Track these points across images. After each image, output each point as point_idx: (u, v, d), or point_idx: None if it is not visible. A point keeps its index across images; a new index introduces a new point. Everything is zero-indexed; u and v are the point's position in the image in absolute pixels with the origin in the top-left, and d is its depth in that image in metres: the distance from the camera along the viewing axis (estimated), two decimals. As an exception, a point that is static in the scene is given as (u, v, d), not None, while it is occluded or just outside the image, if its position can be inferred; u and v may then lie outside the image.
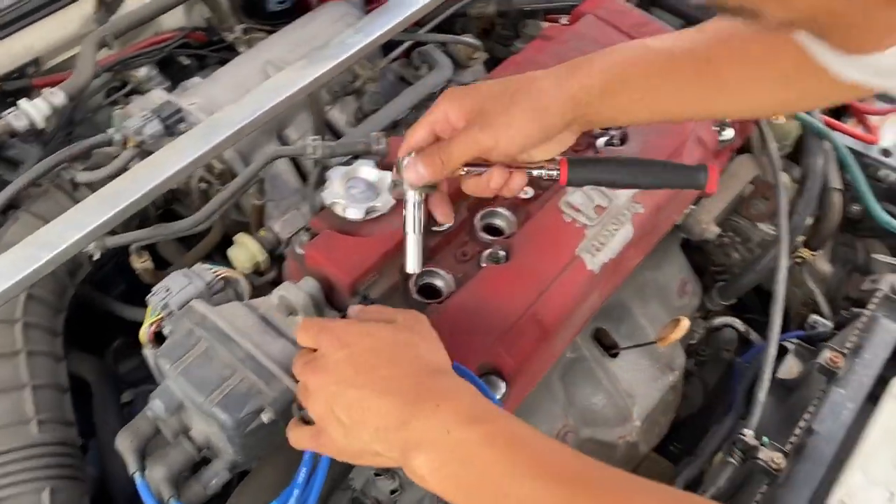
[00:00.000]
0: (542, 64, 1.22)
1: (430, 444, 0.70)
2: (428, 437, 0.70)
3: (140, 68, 1.40)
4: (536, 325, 1.01)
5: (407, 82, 1.45)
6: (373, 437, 0.73)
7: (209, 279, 0.99)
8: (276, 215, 1.24)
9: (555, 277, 1.03)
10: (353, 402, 0.74)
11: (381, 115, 1.31)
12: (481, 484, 0.68)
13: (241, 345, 0.89)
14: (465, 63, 1.43)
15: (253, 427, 0.86)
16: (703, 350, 1.49)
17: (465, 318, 0.99)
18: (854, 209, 1.46)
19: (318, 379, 0.77)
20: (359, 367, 0.76)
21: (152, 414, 0.90)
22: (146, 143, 1.14)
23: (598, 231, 1.07)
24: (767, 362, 1.14)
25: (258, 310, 0.95)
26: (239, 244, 1.14)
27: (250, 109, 1.13)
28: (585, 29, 1.29)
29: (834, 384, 1.09)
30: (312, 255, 1.00)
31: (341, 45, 1.22)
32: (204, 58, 1.52)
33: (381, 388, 0.74)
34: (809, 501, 0.97)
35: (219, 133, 1.09)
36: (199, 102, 1.25)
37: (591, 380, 1.19)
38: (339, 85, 1.37)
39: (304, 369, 0.80)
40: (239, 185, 1.10)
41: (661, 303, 1.30)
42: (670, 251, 1.33)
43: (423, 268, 1.07)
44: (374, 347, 0.77)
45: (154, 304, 0.96)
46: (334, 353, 0.77)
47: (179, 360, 0.88)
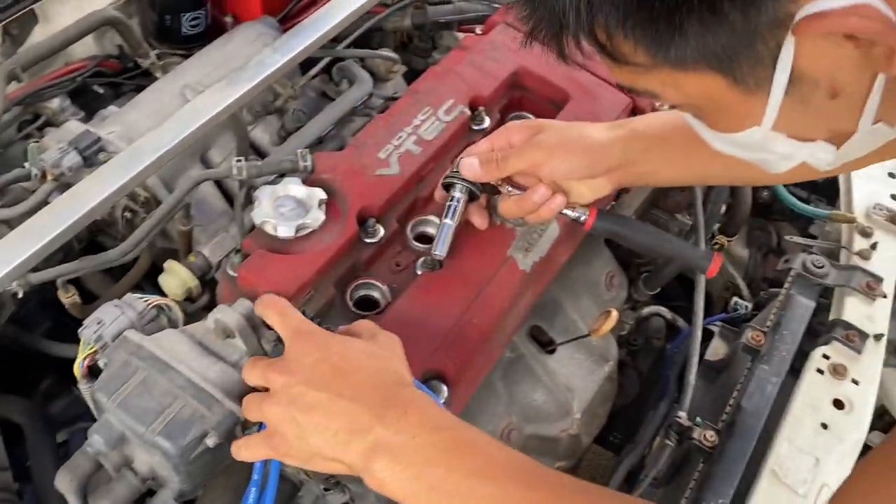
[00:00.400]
0: (461, 73, 1.26)
1: (395, 448, 0.73)
2: (393, 441, 0.74)
3: (53, 100, 1.37)
4: (474, 328, 1.03)
5: (329, 98, 1.46)
6: (331, 441, 0.75)
7: (141, 308, 0.98)
8: (204, 240, 1.23)
9: (489, 280, 1.06)
10: (318, 403, 0.76)
11: (305, 133, 1.31)
12: (443, 486, 0.72)
13: (179, 371, 0.88)
14: (385, 77, 1.45)
15: (197, 453, 0.86)
16: (634, 340, 1.54)
17: (405, 326, 1.00)
18: (764, 195, 1.54)
19: (285, 378, 0.79)
20: (330, 371, 0.78)
21: (92, 450, 0.88)
22: (65, 175, 1.12)
23: (527, 231, 1.11)
24: (694, 346, 1.19)
25: (194, 335, 0.95)
26: (169, 271, 1.13)
27: (171, 135, 1.12)
28: (500, 37, 1.32)
29: (758, 361, 1.15)
30: (245, 276, 0.99)
31: (259, 65, 1.22)
32: (119, 85, 1.49)
33: (349, 393, 0.76)
34: (743, 474, 1.02)
35: (140, 160, 1.07)
36: (118, 131, 1.23)
37: (531, 377, 1.22)
38: (261, 104, 1.37)
39: (267, 370, 0.81)
40: (164, 211, 1.09)
41: (591, 297, 1.34)
42: (596, 247, 1.37)
43: (359, 280, 1.09)
44: (346, 355, 0.80)
45: (87, 337, 0.94)
46: (306, 356, 0.79)
47: (117, 392, 0.87)
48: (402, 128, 1.17)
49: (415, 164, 1.14)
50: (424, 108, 1.20)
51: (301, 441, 0.77)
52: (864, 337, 1.15)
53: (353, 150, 1.15)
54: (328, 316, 1.03)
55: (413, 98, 1.22)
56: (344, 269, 1.06)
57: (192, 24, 1.45)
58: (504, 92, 1.27)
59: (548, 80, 1.26)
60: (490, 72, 1.26)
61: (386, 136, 1.17)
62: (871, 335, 1.16)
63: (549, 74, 1.27)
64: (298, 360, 0.80)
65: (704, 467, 1.07)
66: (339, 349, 0.81)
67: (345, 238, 1.05)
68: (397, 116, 1.19)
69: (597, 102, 1.25)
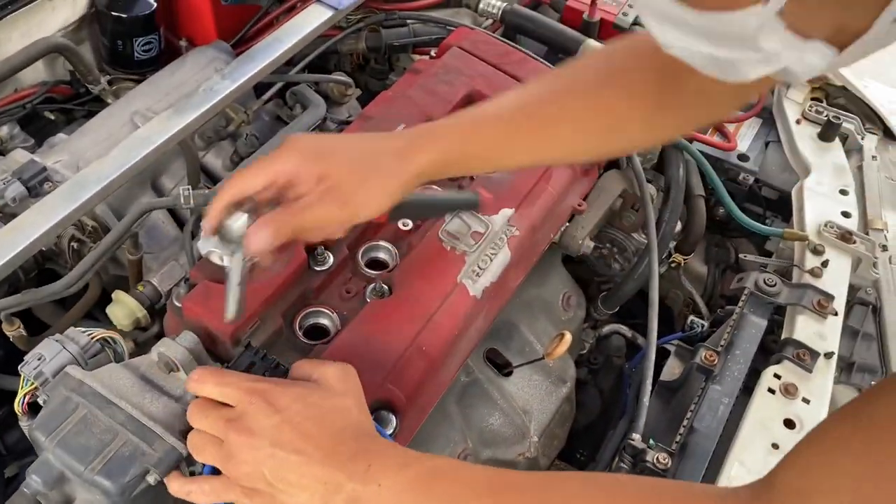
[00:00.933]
0: (413, 98, 1.26)
1: (367, 499, 0.75)
2: (364, 493, 0.75)
3: (1, 127, 1.35)
4: (423, 355, 1.02)
5: (283, 122, 1.45)
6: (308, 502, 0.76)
7: (84, 343, 0.96)
8: (155, 267, 1.22)
9: (438, 306, 1.05)
10: (291, 467, 0.76)
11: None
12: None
13: (121, 407, 0.87)
14: (339, 100, 1.45)
15: (139, 491, 0.84)
16: (594, 359, 1.54)
17: (353, 355, 0.99)
18: (720, 212, 1.55)
19: (249, 441, 0.77)
20: (295, 434, 0.77)
21: (30, 490, 0.86)
22: (9, 206, 1.10)
23: (477, 257, 1.10)
24: (648, 366, 1.19)
25: (138, 369, 0.94)
26: (117, 302, 1.11)
27: (119, 163, 1.11)
28: (452, 61, 1.32)
29: (711, 381, 1.15)
30: (191, 308, 0.98)
31: (209, 91, 1.22)
32: (70, 111, 1.48)
33: (320, 455, 0.76)
34: (694, 496, 1.02)
35: (86, 190, 1.06)
36: (65, 160, 1.22)
37: (487, 401, 1.22)
38: (213, 130, 1.36)
39: (228, 428, 0.79)
40: (111, 242, 1.08)
41: (548, 318, 1.34)
42: (552, 267, 1.37)
43: (309, 308, 1.08)
44: (309, 414, 0.79)
45: (27, 374, 0.92)
46: (266, 417, 0.78)
47: (56, 430, 0.85)
48: (353, 153, 1.17)
49: (365, 190, 1.13)
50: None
51: None
52: (815, 355, 1.16)
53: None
54: (275, 346, 1.02)
55: (365, 123, 1.22)
56: (293, 297, 1.05)
57: (144, 48, 1.44)
58: (456, 116, 1.27)
59: (499, 104, 1.26)
60: (443, 95, 1.26)
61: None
62: (822, 353, 1.17)
63: (500, 98, 1.27)
64: (259, 421, 0.78)
65: (658, 490, 1.06)
66: (298, 408, 0.79)
67: (293, 267, 1.04)
68: (349, 141, 1.19)
69: (549, 125, 1.26)
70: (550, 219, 1.21)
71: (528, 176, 1.19)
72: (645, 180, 1.34)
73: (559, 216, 1.24)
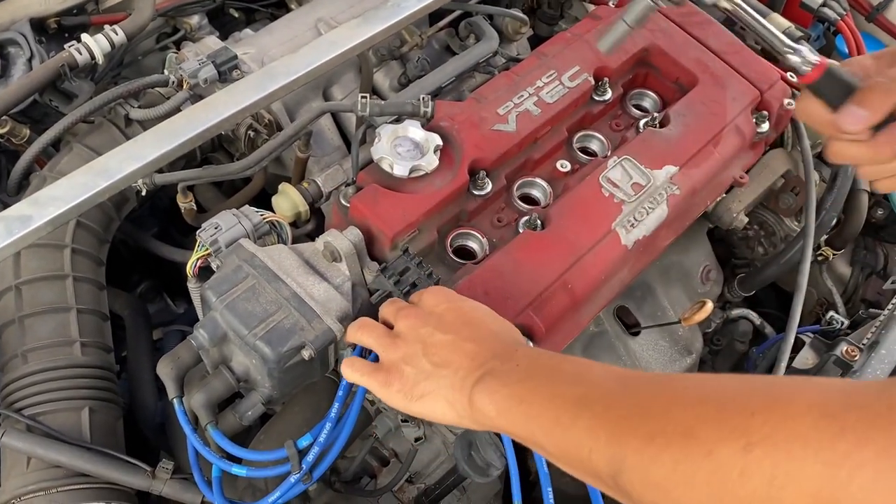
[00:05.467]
0: (591, 42, 1.25)
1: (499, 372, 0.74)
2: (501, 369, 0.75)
3: (192, 16, 1.43)
4: (568, 292, 1.03)
5: (451, 52, 1.47)
6: (450, 381, 0.77)
7: (256, 221, 1.02)
8: (316, 171, 1.27)
9: (589, 248, 1.06)
10: (448, 343, 0.78)
11: (426, 82, 1.33)
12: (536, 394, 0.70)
13: (286, 283, 0.92)
14: (512, 37, 1.45)
15: (292, 363, 0.90)
16: (718, 340, 1.52)
17: (500, 279, 1.01)
18: (878, 213, 1.49)
19: (416, 321, 0.82)
20: (459, 319, 0.81)
21: (196, 343, 0.93)
22: (199, 86, 1.17)
23: (634, 208, 1.10)
24: (785, 350, 1.17)
25: (303, 254, 0.99)
26: (282, 193, 1.17)
27: (304, 62, 1.15)
28: (634, 12, 1.30)
29: (849, 375, 1.12)
30: (357, 207, 1.03)
31: (395, 7, 1.24)
32: (253, 12, 1.54)
33: (479, 336, 0.79)
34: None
35: (274, 82, 1.11)
36: (252, 53, 1.28)
37: (612, 354, 1.22)
38: (387, 49, 1.40)
39: (400, 313, 0.84)
40: (288, 135, 1.13)
41: (683, 287, 1.33)
42: (697, 237, 1.35)
43: (462, 229, 1.11)
44: (475, 307, 0.85)
45: (203, 239, 0.99)
46: (438, 304, 0.83)
47: (226, 294, 0.91)
48: (524, 87, 1.18)
49: (532, 125, 1.15)
50: (549, 71, 1.20)
51: (417, 379, 0.79)
52: (965, 370, 1.11)
53: (473, 102, 1.17)
54: (427, 259, 1.06)
55: (540, 60, 1.23)
56: (449, 215, 1.08)
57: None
58: (631, 67, 1.27)
59: (678, 62, 1.24)
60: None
61: (507, 93, 1.18)
62: (973, 369, 1.11)
63: (680, 56, 1.25)
64: (430, 308, 0.84)
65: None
66: (468, 304, 0.85)
67: (455, 186, 1.07)
68: (521, 76, 1.20)
69: (724, 91, 1.23)
70: (711, 185, 1.19)
71: (697, 136, 1.17)
72: (812, 164, 1.29)
73: (720, 184, 1.22)
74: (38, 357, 1.01)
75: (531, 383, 0.71)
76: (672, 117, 1.19)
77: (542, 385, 0.70)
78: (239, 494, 1.00)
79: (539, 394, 0.70)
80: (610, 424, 0.63)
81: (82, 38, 1.18)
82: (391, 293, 0.98)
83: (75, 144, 1.16)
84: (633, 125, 1.22)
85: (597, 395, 0.67)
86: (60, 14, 1.30)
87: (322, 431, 0.89)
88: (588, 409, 0.65)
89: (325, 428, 0.89)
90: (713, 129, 1.18)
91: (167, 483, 0.97)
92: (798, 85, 1.25)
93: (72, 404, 0.99)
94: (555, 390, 0.69)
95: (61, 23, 1.30)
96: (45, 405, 0.98)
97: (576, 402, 0.67)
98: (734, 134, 1.20)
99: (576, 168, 1.18)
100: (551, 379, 0.71)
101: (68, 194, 0.96)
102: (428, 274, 0.98)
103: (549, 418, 0.68)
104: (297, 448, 0.90)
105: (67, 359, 1.01)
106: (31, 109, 1.23)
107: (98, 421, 1.00)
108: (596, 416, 0.64)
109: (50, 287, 1.05)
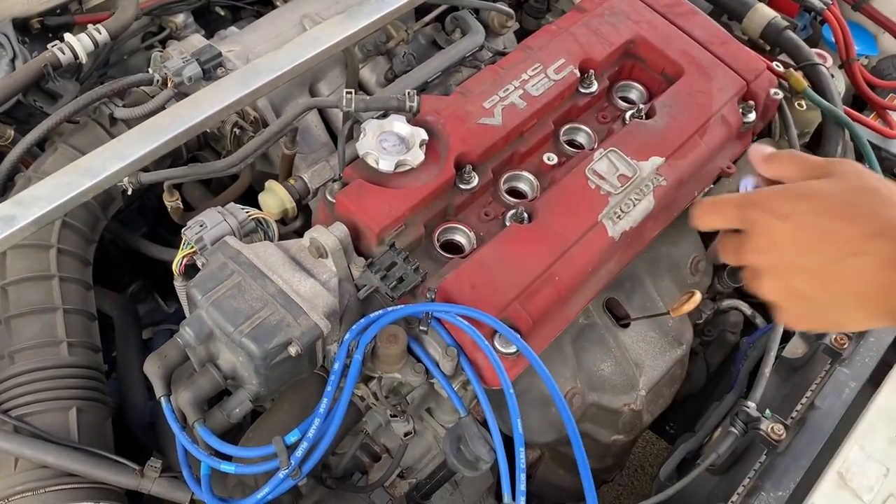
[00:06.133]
0: (576, 34, 1.25)
1: None
2: None
3: (178, 15, 1.42)
4: (554, 285, 1.03)
5: (438, 47, 1.47)
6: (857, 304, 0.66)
7: (242, 218, 1.02)
8: (303, 167, 1.27)
9: (576, 241, 1.06)
10: (814, 274, 0.66)
11: (412, 76, 1.33)
12: None
13: (272, 280, 0.92)
14: (498, 31, 1.45)
15: (279, 360, 0.89)
16: (708, 331, 1.52)
17: (487, 272, 1.01)
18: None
19: (764, 259, 0.69)
20: (807, 237, 0.66)
21: (182, 341, 0.92)
22: (184, 84, 1.16)
23: (621, 199, 1.10)
24: (774, 339, 1.17)
25: (289, 251, 0.98)
26: (269, 190, 1.16)
27: (289, 58, 1.15)
28: (619, 4, 1.30)
29: (838, 363, 1.12)
30: (343, 203, 1.03)
31: (380, 2, 1.24)
32: (239, 9, 1.54)
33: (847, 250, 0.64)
34: (807, 470, 1.01)
35: (258, 78, 1.11)
36: (236, 50, 1.27)
37: (601, 346, 1.22)
38: (373, 44, 1.40)
39: (742, 254, 0.71)
40: (275, 131, 1.13)
41: (673, 278, 1.33)
42: (686, 228, 1.35)
43: (449, 223, 1.11)
44: (818, 209, 0.66)
45: (188, 237, 0.98)
46: (773, 228, 0.68)
47: (212, 291, 0.91)
48: (510, 80, 1.18)
49: (518, 118, 1.15)
50: (535, 64, 1.20)
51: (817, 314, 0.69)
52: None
53: (459, 96, 1.17)
54: (414, 253, 1.06)
55: (525, 53, 1.22)
56: (436, 210, 1.08)
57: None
58: (617, 58, 1.26)
59: (664, 53, 1.24)
60: (606, 36, 1.25)
61: (493, 86, 1.18)
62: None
63: (665, 47, 1.25)
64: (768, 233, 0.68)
65: (767, 460, 1.05)
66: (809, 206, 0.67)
67: (441, 180, 1.07)
68: (507, 69, 1.20)
69: (710, 81, 1.23)
70: (698, 175, 1.19)
71: (683, 127, 1.17)
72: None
73: (707, 175, 1.22)
74: (24, 358, 1.01)
75: None
76: (658, 108, 1.19)
77: None
78: (229, 492, 1.00)
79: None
80: None
81: (65, 38, 1.17)
82: (378, 288, 0.98)
83: (60, 144, 1.15)
84: (620, 117, 1.22)
85: None
86: (43, 14, 1.29)
87: (310, 427, 0.89)
88: None
89: (314, 423, 0.89)
90: (699, 120, 1.18)
91: (156, 481, 0.97)
92: None
93: (59, 404, 0.99)
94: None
95: (45, 23, 1.30)
96: (33, 406, 0.98)
97: None
98: (720, 124, 1.21)
99: (562, 161, 1.18)
100: None
101: (52, 194, 0.96)
102: (415, 268, 0.99)
103: None
104: (285, 444, 0.90)
105: (54, 359, 1.01)
106: (15, 110, 1.23)
107: (86, 421, 1.00)
108: None
109: (36, 287, 1.04)
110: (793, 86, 1.36)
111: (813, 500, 0.96)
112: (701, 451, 1.28)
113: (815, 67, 1.40)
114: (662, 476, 1.28)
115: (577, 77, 1.20)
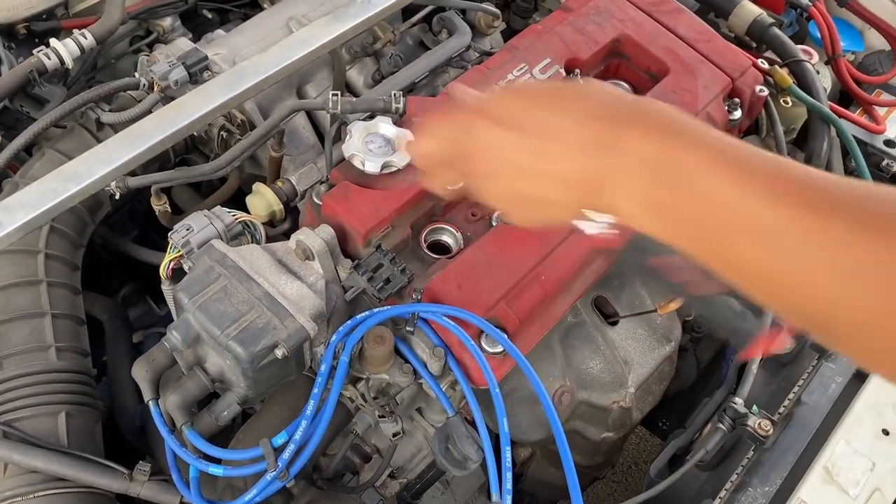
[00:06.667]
0: (561, 34, 1.26)
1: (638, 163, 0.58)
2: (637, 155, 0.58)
3: (165, 18, 1.42)
4: (540, 284, 1.04)
5: (425, 48, 1.47)
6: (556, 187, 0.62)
7: (228, 221, 1.02)
8: (291, 169, 1.27)
9: (562, 240, 1.06)
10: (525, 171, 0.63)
11: (399, 77, 1.33)
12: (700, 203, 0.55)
13: (258, 283, 0.92)
14: (485, 31, 1.45)
15: (266, 362, 0.90)
16: (699, 327, 1.52)
17: (473, 273, 1.02)
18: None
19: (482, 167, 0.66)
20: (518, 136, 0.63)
21: (169, 344, 0.93)
22: (171, 88, 1.16)
23: (606, 198, 1.10)
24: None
25: (276, 253, 0.99)
26: (256, 193, 1.17)
27: (275, 60, 1.15)
28: (605, 3, 1.31)
29: (824, 359, 1.13)
30: (329, 204, 1.03)
31: (366, 4, 1.24)
32: (226, 13, 1.54)
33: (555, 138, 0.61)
34: (794, 465, 1.01)
35: (244, 81, 1.11)
36: (223, 53, 1.27)
37: (590, 344, 1.23)
38: (360, 46, 1.40)
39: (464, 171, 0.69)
40: (260, 134, 1.13)
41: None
42: (674, 226, 1.36)
43: (436, 224, 1.11)
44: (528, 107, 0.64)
45: (175, 241, 0.99)
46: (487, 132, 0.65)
47: (198, 295, 0.91)
48: (496, 81, 1.18)
49: (504, 118, 1.15)
50: (521, 64, 1.21)
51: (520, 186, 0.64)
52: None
53: (445, 97, 1.17)
54: (401, 255, 1.06)
55: (510, 53, 1.23)
56: (423, 210, 1.09)
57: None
58: (603, 57, 1.27)
59: (649, 51, 1.25)
60: (591, 35, 1.26)
61: (479, 87, 1.17)
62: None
63: (650, 45, 1.25)
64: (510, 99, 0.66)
65: (754, 455, 1.06)
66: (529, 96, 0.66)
67: (427, 181, 1.07)
68: (493, 69, 1.20)
69: (695, 80, 1.23)
70: (684, 173, 1.19)
71: (668, 126, 1.17)
72: (786, 150, 1.30)
73: (693, 172, 1.22)
74: (13, 363, 1.01)
75: None
76: (643, 107, 1.19)
77: None
78: (219, 494, 1.00)
79: None
80: None
81: (51, 43, 1.17)
82: (365, 290, 0.99)
83: (47, 150, 1.16)
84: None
85: None
86: (29, 19, 1.29)
87: (298, 429, 0.89)
88: None
89: (301, 425, 0.89)
90: (684, 118, 1.18)
91: (145, 485, 0.97)
92: None
93: (48, 409, 0.99)
94: None
95: (31, 28, 1.30)
96: (22, 411, 0.98)
97: None
98: (706, 121, 1.21)
99: (549, 160, 1.19)
100: None
101: (38, 200, 0.96)
102: (402, 269, 0.99)
103: None
104: (272, 446, 0.90)
105: (43, 364, 1.01)
106: (2, 115, 1.23)
107: (75, 425, 1.00)
108: None
109: (23, 293, 1.05)
110: (778, 83, 1.36)
111: (800, 494, 0.97)
112: (691, 448, 1.29)
113: (801, 64, 1.40)
114: (653, 472, 1.28)
115: (562, 76, 1.21)
